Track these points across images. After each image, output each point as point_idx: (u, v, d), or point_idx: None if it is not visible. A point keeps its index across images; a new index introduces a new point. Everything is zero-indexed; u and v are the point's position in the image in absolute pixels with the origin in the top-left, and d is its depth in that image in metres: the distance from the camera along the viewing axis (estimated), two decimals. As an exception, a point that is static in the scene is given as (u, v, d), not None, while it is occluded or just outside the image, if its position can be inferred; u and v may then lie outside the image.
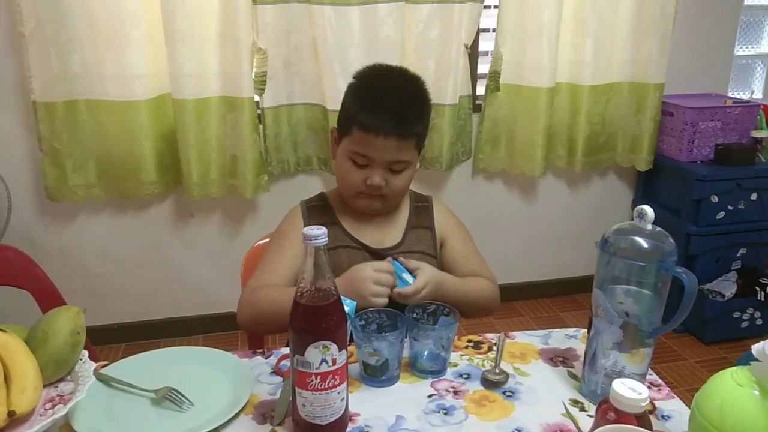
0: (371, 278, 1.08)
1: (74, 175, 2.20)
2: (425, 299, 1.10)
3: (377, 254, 1.24)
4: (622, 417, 0.74)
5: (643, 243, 0.88)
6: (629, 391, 0.74)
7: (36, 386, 0.83)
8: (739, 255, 2.59)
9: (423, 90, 1.22)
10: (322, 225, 1.17)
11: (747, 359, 0.77)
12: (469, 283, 1.25)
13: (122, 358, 1.04)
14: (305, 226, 1.20)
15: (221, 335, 2.55)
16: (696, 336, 2.59)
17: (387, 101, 1.16)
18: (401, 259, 1.17)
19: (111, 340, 2.49)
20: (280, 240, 1.26)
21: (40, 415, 0.84)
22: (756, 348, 0.73)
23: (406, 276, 1.14)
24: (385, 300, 1.08)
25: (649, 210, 0.87)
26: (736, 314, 2.55)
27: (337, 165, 1.25)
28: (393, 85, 1.20)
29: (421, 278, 1.13)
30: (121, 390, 0.96)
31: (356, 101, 1.19)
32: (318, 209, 1.30)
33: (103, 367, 1.00)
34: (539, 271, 2.90)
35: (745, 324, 2.57)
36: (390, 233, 1.29)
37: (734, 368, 0.77)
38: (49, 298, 1.36)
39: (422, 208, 1.34)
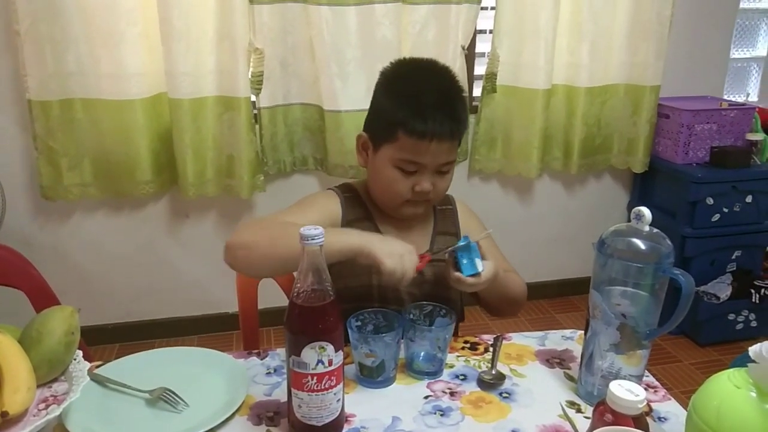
0: (412, 257, 0.98)
1: (69, 174, 2.19)
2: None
3: None
4: (619, 419, 0.73)
5: (641, 244, 0.88)
6: (626, 392, 0.73)
7: (29, 386, 0.82)
8: (734, 257, 2.59)
9: (458, 80, 1.16)
10: (357, 219, 1.14)
11: (742, 361, 0.77)
12: (509, 278, 1.21)
13: (116, 358, 1.04)
14: (342, 214, 1.18)
15: (216, 336, 2.54)
16: (691, 338, 2.60)
17: (434, 102, 1.08)
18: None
19: (105, 341, 2.48)
20: (305, 207, 1.17)
21: (34, 416, 0.84)
22: (753, 350, 0.73)
23: (479, 262, 1.04)
24: (406, 279, 0.97)
25: (646, 212, 0.87)
26: (731, 316, 2.55)
27: (376, 173, 1.15)
28: (433, 82, 1.13)
29: (489, 269, 1.05)
30: (115, 390, 0.95)
31: (398, 105, 1.09)
32: (352, 201, 1.21)
33: (97, 367, 1.00)
34: (534, 273, 2.88)
35: (739, 326, 2.58)
36: (417, 238, 1.21)
37: (731, 370, 0.76)
38: (43, 298, 1.35)
39: (447, 211, 1.29)
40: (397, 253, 0.96)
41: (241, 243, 1.04)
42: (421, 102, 1.08)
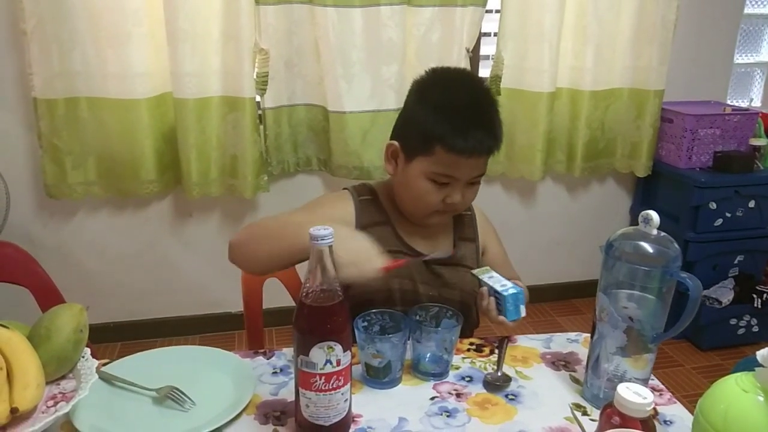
0: (371, 264, 0.95)
1: (74, 173, 2.19)
2: None
3: (428, 264, 1.18)
4: (626, 421, 0.74)
5: (648, 248, 0.88)
6: (634, 395, 0.74)
7: (39, 383, 0.83)
8: (736, 262, 2.59)
9: (492, 92, 1.16)
10: (375, 224, 1.13)
11: (744, 366, 0.77)
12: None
13: (118, 357, 1.04)
14: (356, 218, 1.17)
15: (218, 335, 2.54)
16: (693, 342, 2.60)
17: (474, 117, 1.08)
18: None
19: (107, 339, 2.48)
20: (314, 207, 1.18)
21: (42, 413, 0.84)
22: (761, 354, 0.73)
23: (523, 308, 1.07)
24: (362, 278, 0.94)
25: (654, 215, 0.88)
26: (733, 321, 2.56)
27: (407, 183, 1.14)
28: (471, 95, 1.12)
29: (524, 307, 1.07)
30: (122, 388, 0.96)
31: (436, 118, 1.08)
32: (368, 204, 1.20)
33: (104, 365, 1.00)
34: (537, 276, 2.89)
35: (741, 331, 2.58)
36: (441, 242, 1.22)
37: (739, 374, 0.77)
38: (48, 296, 1.36)
39: (466, 217, 1.28)
40: (352, 263, 0.92)
41: (244, 240, 1.07)
42: (461, 117, 1.07)
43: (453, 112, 1.08)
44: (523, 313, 1.06)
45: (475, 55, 2.50)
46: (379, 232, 1.15)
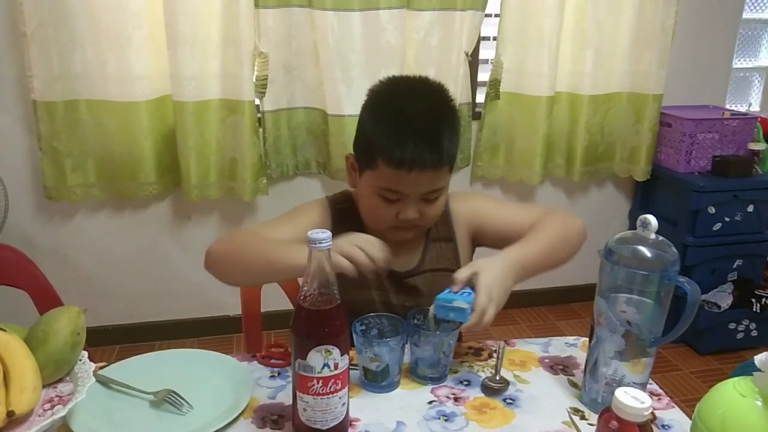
0: (355, 241, 0.95)
1: (73, 175, 2.19)
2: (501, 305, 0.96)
3: (397, 276, 1.16)
4: (624, 426, 0.73)
5: (646, 252, 0.88)
6: (632, 399, 0.73)
7: (35, 386, 0.82)
8: (735, 266, 2.59)
9: (450, 102, 1.08)
10: (348, 231, 1.08)
11: (743, 370, 0.77)
12: (539, 235, 1.09)
13: (116, 360, 1.03)
14: (332, 226, 1.13)
15: (216, 339, 2.53)
16: (691, 346, 2.59)
17: (416, 127, 1.01)
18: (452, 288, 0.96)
19: (105, 342, 2.47)
20: (289, 219, 1.15)
21: (39, 416, 0.84)
22: (759, 359, 0.73)
23: (458, 302, 0.94)
24: (348, 267, 0.93)
25: (652, 219, 0.88)
26: (732, 325, 2.55)
27: (361, 198, 1.12)
28: (419, 104, 1.05)
29: (480, 295, 0.94)
30: (120, 392, 0.95)
31: (378, 130, 1.03)
32: (344, 213, 1.17)
33: (101, 368, 1.00)
34: (535, 279, 2.86)
35: (740, 335, 2.58)
36: (413, 251, 1.18)
37: (737, 378, 0.76)
38: (46, 298, 1.35)
39: (440, 216, 1.19)
40: (344, 246, 0.92)
41: (222, 253, 1.07)
42: (402, 128, 1.01)
43: (395, 123, 1.01)
44: (466, 305, 0.94)
45: (474, 59, 2.50)
46: None
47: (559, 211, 1.17)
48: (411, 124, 1.02)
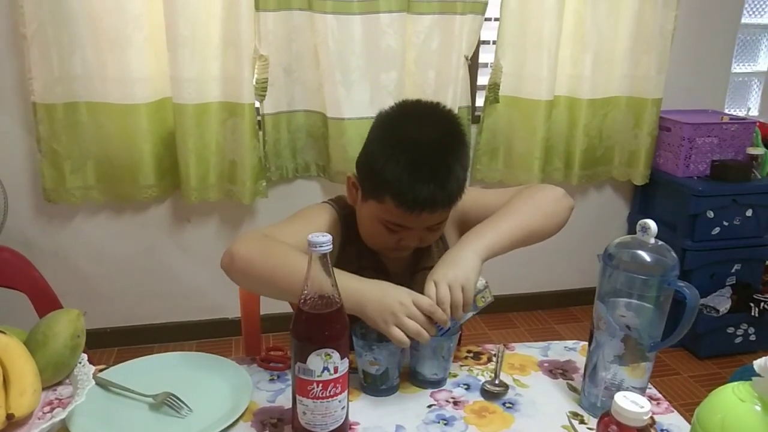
0: (406, 310, 0.92)
1: (72, 177, 2.19)
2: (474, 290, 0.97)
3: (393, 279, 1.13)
4: (624, 430, 0.73)
5: (646, 257, 0.89)
6: (631, 404, 0.73)
7: (35, 389, 0.82)
8: (733, 270, 2.60)
9: (461, 132, 1.06)
10: (353, 239, 1.09)
11: (741, 374, 0.77)
12: (508, 213, 1.09)
13: (114, 362, 1.03)
14: (341, 232, 1.14)
15: (215, 341, 2.54)
16: (690, 351, 2.60)
17: (428, 168, 0.98)
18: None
19: (103, 344, 2.47)
20: (306, 222, 1.12)
21: (39, 419, 0.84)
22: (758, 363, 0.73)
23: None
24: (405, 342, 0.92)
25: (652, 224, 0.88)
26: (730, 330, 2.56)
27: (361, 219, 1.11)
28: (430, 136, 1.02)
29: (428, 288, 0.95)
30: (119, 395, 0.95)
31: (389, 167, 0.99)
32: (349, 221, 1.15)
33: (100, 371, 1.00)
34: (535, 283, 2.90)
35: (739, 339, 2.58)
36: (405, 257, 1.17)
37: (736, 383, 0.76)
38: (45, 301, 1.36)
39: None
40: (390, 306, 0.91)
41: (242, 257, 0.99)
42: (413, 168, 0.98)
43: (405, 162, 0.98)
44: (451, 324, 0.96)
45: (473, 63, 2.51)
46: (356, 246, 1.14)
47: (534, 185, 1.17)
48: (423, 162, 0.99)
